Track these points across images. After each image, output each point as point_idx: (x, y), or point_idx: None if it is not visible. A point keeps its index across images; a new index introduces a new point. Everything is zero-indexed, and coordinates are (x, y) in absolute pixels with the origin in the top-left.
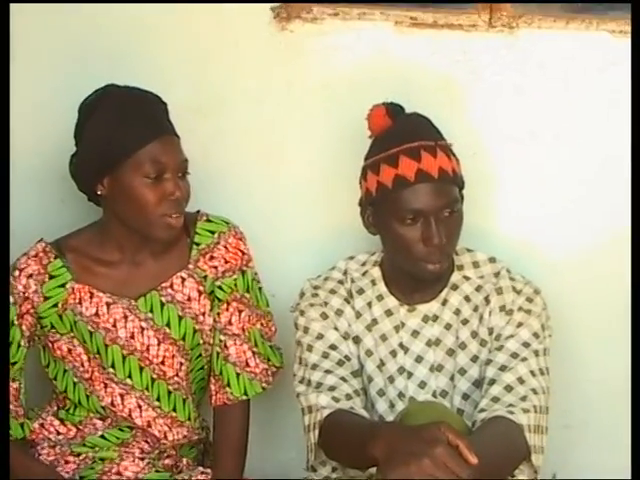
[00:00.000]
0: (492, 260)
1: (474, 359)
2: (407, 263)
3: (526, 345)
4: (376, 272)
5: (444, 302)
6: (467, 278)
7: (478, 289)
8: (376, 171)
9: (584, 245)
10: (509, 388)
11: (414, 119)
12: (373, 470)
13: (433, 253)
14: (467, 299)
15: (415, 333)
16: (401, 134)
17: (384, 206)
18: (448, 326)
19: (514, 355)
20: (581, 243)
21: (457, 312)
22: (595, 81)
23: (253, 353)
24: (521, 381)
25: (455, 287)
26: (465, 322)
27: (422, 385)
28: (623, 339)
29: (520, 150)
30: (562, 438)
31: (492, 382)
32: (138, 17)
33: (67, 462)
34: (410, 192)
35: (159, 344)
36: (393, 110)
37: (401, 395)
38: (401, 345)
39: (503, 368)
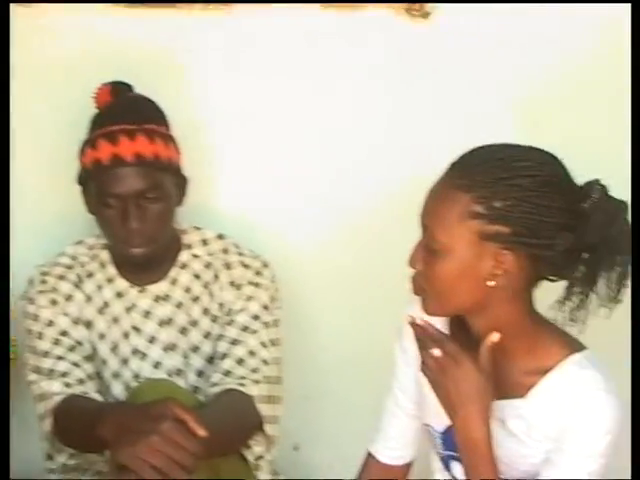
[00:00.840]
0: (220, 237)
1: (207, 336)
2: (115, 246)
3: (256, 318)
4: (105, 255)
5: (174, 281)
6: (196, 256)
7: (207, 266)
8: (82, 153)
9: (310, 217)
10: (240, 361)
11: (129, 101)
12: None
13: (134, 237)
14: (197, 277)
15: (147, 314)
16: (105, 118)
17: (90, 188)
18: (179, 305)
19: (244, 328)
20: (307, 215)
21: (187, 290)
22: (307, 54)
23: None
24: (252, 353)
25: (184, 266)
26: (196, 300)
27: (157, 365)
28: (352, 307)
29: (241, 127)
30: (302, 409)
31: (224, 356)
32: None
33: None
34: (108, 176)
35: None
36: (117, 89)
37: (136, 376)
38: (133, 327)
39: (234, 342)
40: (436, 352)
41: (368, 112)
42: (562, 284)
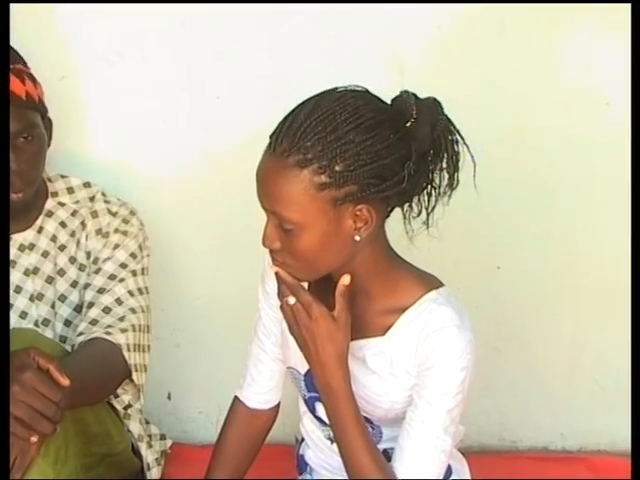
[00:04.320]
0: (87, 185)
1: (74, 284)
2: None
3: (123, 266)
4: None
5: (40, 230)
6: (62, 204)
7: (74, 214)
8: None
9: (178, 165)
10: (107, 310)
11: None
12: None
13: (14, 181)
14: (63, 225)
15: (12, 263)
16: None
17: None
18: (45, 254)
19: (112, 277)
20: (175, 163)
21: (54, 239)
22: None
23: None
24: (119, 302)
25: (50, 214)
26: (62, 248)
27: (23, 315)
28: (222, 253)
29: (110, 72)
30: (173, 357)
31: (91, 305)
32: None
33: None
34: None
35: None
36: None
37: None
38: None
39: (101, 290)
40: (291, 300)
41: (235, 49)
42: None
